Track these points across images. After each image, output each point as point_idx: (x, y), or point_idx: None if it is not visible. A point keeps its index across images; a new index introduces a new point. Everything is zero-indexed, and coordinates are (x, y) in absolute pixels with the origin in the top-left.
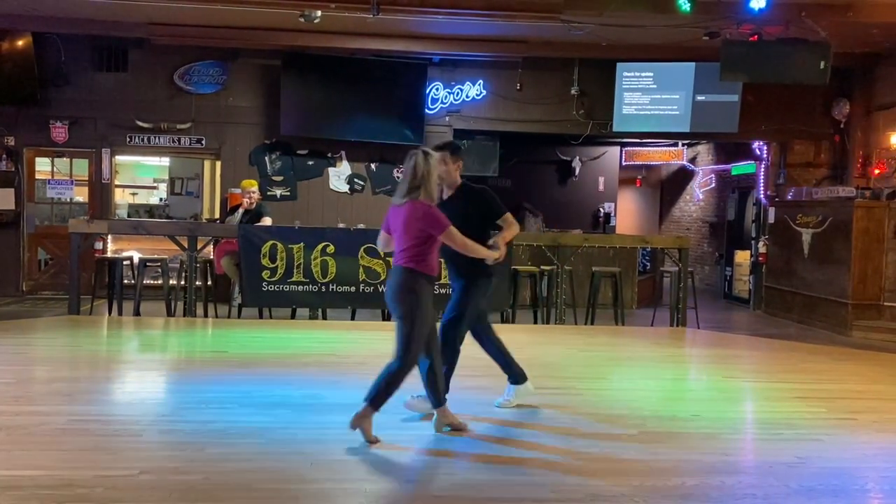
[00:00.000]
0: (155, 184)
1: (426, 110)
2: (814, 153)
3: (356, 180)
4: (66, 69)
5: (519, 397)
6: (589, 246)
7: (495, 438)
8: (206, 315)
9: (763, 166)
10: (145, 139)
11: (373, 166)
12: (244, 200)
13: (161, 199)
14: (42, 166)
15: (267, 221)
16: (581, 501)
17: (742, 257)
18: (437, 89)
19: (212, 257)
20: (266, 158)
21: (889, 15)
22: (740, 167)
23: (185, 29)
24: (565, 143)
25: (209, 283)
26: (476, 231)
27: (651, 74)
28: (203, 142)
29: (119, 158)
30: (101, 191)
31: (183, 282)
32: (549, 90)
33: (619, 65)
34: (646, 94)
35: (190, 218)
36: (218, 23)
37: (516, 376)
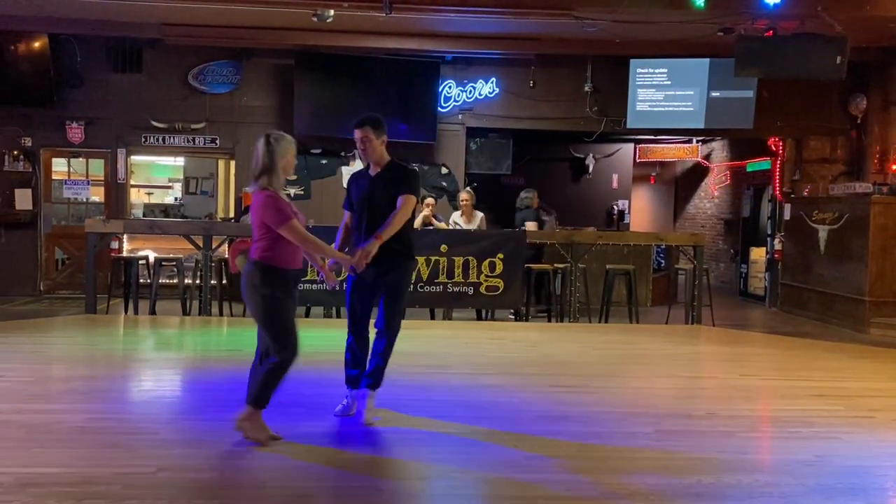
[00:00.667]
0: (170, 183)
1: (439, 108)
2: (830, 149)
3: None
4: (82, 70)
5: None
6: (603, 243)
7: (508, 435)
8: (221, 314)
9: (778, 162)
10: (160, 139)
11: None
12: None
13: (176, 199)
14: (58, 167)
15: None
16: (595, 499)
17: (757, 254)
18: (450, 87)
19: (226, 256)
20: None
21: None
22: (755, 163)
23: (199, 29)
24: (579, 141)
25: (224, 282)
26: None
27: (665, 71)
28: (217, 141)
29: (134, 158)
30: (117, 191)
31: (198, 281)
32: (563, 87)
33: (633, 61)
34: (660, 91)
35: (205, 217)
36: (231, 23)
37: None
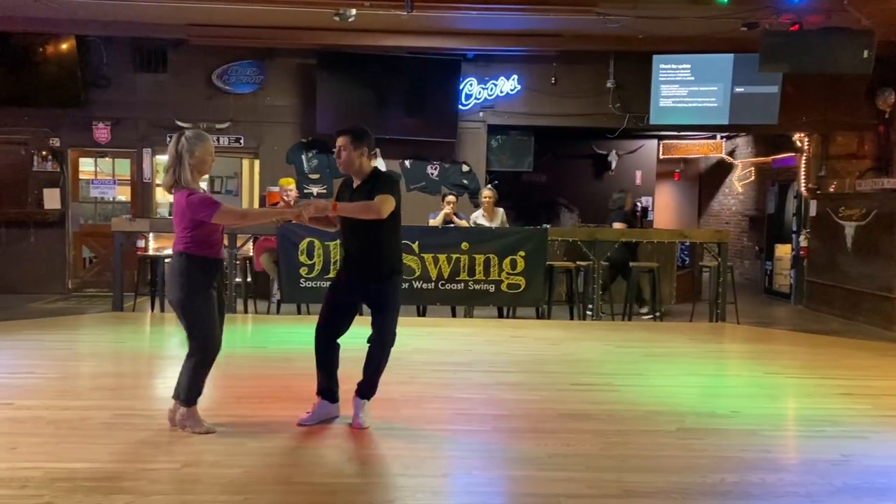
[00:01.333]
0: None
1: (460, 106)
2: (857, 144)
3: None
4: (108, 71)
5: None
6: (626, 241)
7: (530, 433)
8: (246, 311)
9: (804, 158)
10: None
11: (407, 163)
12: (282, 198)
13: None
14: (85, 166)
15: None
16: (618, 497)
17: (783, 251)
18: (471, 85)
19: (251, 254)
20: (303, 156)
21: None
22: (780, 159)
23: (222, 29)
24: (601, 137)
25: (248, 280)
26: (386, 221)
27: (688, 66)
28: (241, 141)
29: (160, 158)
30: (143, 190)
31: (223, 278)
32: (585, 84)
33: (656, 57)
34: (683, 87)
35: None
36: (254, 23)
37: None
